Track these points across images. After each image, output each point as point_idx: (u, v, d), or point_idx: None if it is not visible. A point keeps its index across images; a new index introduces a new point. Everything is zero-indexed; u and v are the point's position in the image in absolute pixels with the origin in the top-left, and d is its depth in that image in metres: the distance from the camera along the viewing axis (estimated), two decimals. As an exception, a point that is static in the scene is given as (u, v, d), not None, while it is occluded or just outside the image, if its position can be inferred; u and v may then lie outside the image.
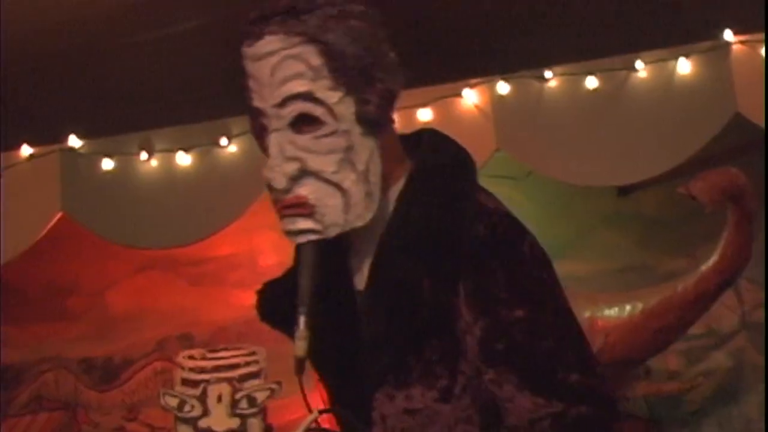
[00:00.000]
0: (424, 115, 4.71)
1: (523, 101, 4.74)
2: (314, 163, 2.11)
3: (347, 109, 2.11)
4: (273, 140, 2.12)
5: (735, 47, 4.58)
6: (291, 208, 2.12)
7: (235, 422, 5.04)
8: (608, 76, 4.66)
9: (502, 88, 4.73)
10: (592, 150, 4.69)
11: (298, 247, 2.17)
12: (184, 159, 4.96)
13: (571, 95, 4.72)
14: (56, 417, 5.69)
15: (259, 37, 2.13)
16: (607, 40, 4.74)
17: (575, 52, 4.73)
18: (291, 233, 2.14)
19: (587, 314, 4.38)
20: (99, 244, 5.32)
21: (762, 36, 4.54)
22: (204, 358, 5.19)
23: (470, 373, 2.15)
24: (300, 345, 2.11)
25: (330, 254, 2.20)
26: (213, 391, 5.01)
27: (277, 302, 2.25)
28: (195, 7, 4.75)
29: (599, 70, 4.68)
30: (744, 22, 4.56)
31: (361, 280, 2.21)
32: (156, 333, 5.59)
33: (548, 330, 2.15)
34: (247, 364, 5.18)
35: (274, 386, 5.02)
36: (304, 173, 2.11)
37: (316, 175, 2.12)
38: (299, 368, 2.12)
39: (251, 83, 2.14)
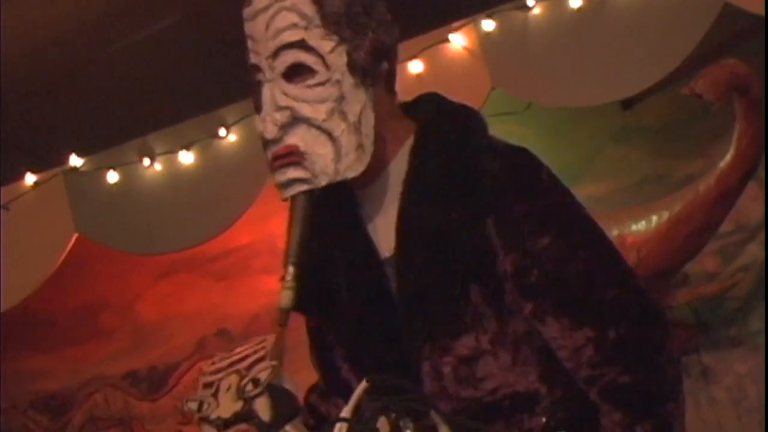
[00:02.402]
0: (415, 67, 4.67)
1: (511, 34, 4.69)
2: (305, 110, 2.11)
3: (339, 58, 2.11)
4: (266, 91, 2.13)
5: (711, -61, 4.51)
6: (281, 158, 2.12)
7: (239, 405, 4.95)
8: (590, -8, 4.61)
9: (488, 25, 4.68)
10: (588, 69, 4.64)
11: (291, 200, 2.16)
12: (186, 157, 4.93)
13: (556, 19, 4.66)
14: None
15: None
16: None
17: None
18: (282, 185, 2.13)
19: (615, 233, 4.35)
20: (119, 258, 5.32)
21: None
22: (222, 359, 5.12)
23: (515, 312, 2.14)
24: (285, 295, 2.13)
25: (352, 229, 2.20)
26: (223, 385, 4.93)
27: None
28: (168, 5, 4.72)
29: (580, -13, 4.62)
30: None
31: (387, 247, 2.20)
32: (193, 334, 5.59)
33: (577, 252, 2.15)
34: (255, 352, 5.09)
35: (275, 363, 4.92)
36: (295, 121, 2.12)
37: (307, 123, 2.12)
38: (283, 320, 2.14)
39: (249, 44, 2.16)
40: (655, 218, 4.49)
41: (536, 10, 4.68)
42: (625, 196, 5.07)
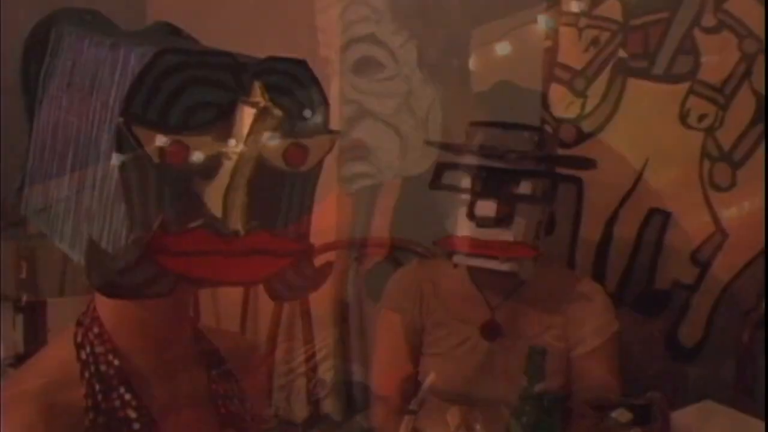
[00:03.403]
0: (503, 48, 4.62)
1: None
2: (372, 104, 2.10)
3: (409, 54, 2.10)
4: (334, 84, 2.13)
5: None
6: (347, 152, 2.13)
7: (308, 410, 4.92)
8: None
9: (575, 6, 4.63)
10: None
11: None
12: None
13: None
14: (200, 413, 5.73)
15: None
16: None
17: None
18: (345, 179, 2.14)
19: (707, 218, 4.31)
20: (201, 238, 5.32)
21: None
22: (293, 359, 5.08)
23: None
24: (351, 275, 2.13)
25: None
26: (294, 389, 4.91)
27: None
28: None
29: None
30: None
31: None
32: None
33: None
34: (320, 349, 5.07)
35: (337, 362, 4.87)
36: (362, 115, 2.11)
37: (374, 117, 2.10)
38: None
39: (319, 36, 2.16)
40: (746, 204, 4.41)
41: (624, -10, 4.63)
42: (716, 179, 4.96)
